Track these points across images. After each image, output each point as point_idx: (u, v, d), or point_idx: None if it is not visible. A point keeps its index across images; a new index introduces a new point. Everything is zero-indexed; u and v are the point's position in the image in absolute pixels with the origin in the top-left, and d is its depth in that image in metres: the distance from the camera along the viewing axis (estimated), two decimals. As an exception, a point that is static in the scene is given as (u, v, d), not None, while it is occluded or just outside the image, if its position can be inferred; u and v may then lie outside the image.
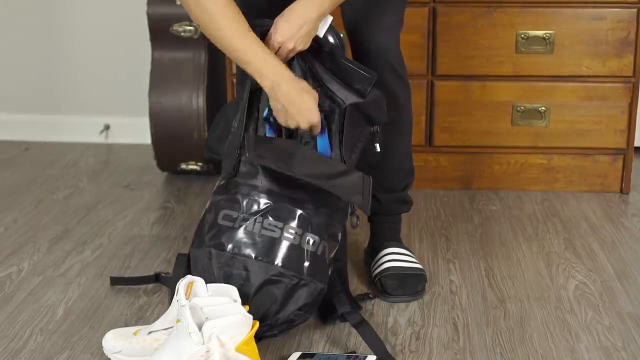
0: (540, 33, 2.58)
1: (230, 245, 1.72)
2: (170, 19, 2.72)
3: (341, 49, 1.83)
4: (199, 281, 1.64)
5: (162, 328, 1.69)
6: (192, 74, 2.75)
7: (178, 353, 1.50)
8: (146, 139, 3.07)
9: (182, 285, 1.60)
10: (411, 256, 2.05)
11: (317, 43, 1.78)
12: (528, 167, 2.69)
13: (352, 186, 1.73)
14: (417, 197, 2.53)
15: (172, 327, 1.64)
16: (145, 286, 2.03)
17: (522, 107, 2.63)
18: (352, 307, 1.81)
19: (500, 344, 1.78)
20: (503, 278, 2.09)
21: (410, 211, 2.15)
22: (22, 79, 3.27)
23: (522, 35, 2.58)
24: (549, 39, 2.58)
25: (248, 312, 1.57)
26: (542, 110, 2.63)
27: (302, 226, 1.73)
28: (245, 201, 1.75)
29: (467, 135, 2.67)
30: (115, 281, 2.04)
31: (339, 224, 1.81)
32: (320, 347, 1.77)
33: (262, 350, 1.68)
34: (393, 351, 1.74)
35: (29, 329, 1.84)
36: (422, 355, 1.74)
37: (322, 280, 1.75)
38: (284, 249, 1.71)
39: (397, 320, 1.88)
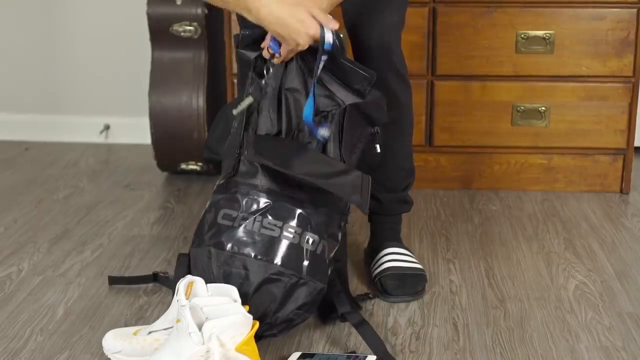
0: (540, 33, 2.58)
1: (230, 245, 1.72)
2: (170, 19, 2.72)
3: (340, 49, 1.83)
4: (199, 281, 1.64)
5: (162, 328, 1.69)
6: (192, 74, 2.75)
7: (178, 353, 1.50)
8: (146, 139, 3.07)
9: (182, 285, 1.60)
10: (411, 256, 2.05)
11: (316, 43, 1.78)
12: (528, 167, 2.69)
13: (351, 185, 1.72)
14: (417, 197, 2.53)
15: (172, 327, 1.64)
16: (145, 286, 2.03)
17: (522, 107, 2.63)
18: (352, 307, 1.81)
19: (500, 344, 1.78)
20: (503, 278, 2.09)
21: (410, 211, 2.16)
22: (22, 79, 3.27)
23: (522, 35, 2.58)
24: (549, 39, 2.58)
25: (248, 312, 1.57)
26: (542, 110, 2.62)
27: (301, 225, 1.73)
28: (244, 200, 1.75)
29: (467, 135, 2.67)
30: (114, 281, 2.04)
31: (338, 224, 1.81)
32: (320, 347, 1.77)
33: (262, 350, 1.68)
34: (393, 351, 1.74)
35: (29, 329, 1.84)
36: (422, 355, 1.74)
37: (322, 280, 1.75)
38: (284, 248, 1.71)
39: (397, 320, 1.88)
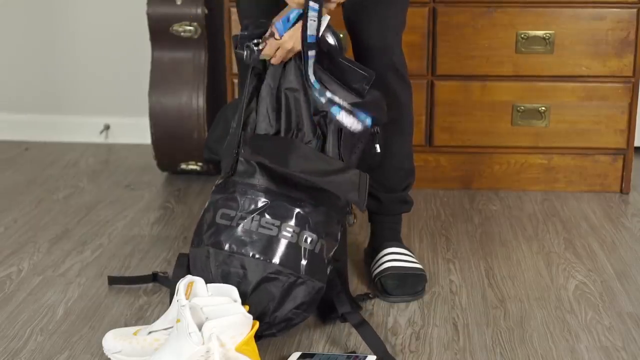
0: (540, 33, 2.58)
1: (228, 244, 1.72)
2: (170, 19, 2.72)
3: (339, 49, 1.83)
4: (199, 281, 1.64)
5: (162, 328, 1.69)
6: (192, 74, 2.75)
7: (178, 353, 1.50)
8: (146, 139, 3.07)
9: (182, 285, 1.60)
10: (411, 256, 2.05)
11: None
12: (528, 167, 2.69)
13: (349, 183, 1.72)
14: (417, 197, 2.53)
15: (172, 327, 1.64)
16: (145, 286, 2.03)
17: (522, 107, 2.63)
18: (352, 307, 1.81)
19: (500, 344, 1.78)
20: (503, 278, 2.09)
21: (410, 211, 2.15)
22: (22, 79, 3.26)
23: (522, 35, 2.58)
24: (549, 39, 2.58)
25: (248, 312, 1.57)
26: (542, 110, 2.62)
27: (299, 224, 1.73)
28: (243, 200, 1.75)
29: (467, 135, 2.67)
30: (113, 281, 2.04)
31: (337, 223, 1.81)
32: (320, 347, 1.77)
33: (262, 350, 1.68)
34: (393, 351, 1.74)
35: (29, 329, 1.84)
36: (422, 355, 1.74)
37: (320, 279, 1.75)
38: (282, 247, 1.71)
39: (397, 320, 1.88)
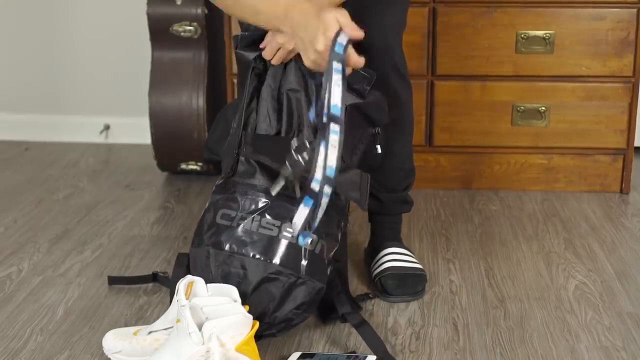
0: (540, 33, 2.58)
1: (229, 244, 1.72)
2: (170, 19, 2.72)
3: None
4: (199, 281, 1.64)
5: (162, 328, 1.69)
6: (192, 74, 2.75)
7: (178, 353, 1.50)
8: (146, 139, 3.07)
9: (182, 285, 1.60)
10: (411, 256, 2.05)
11: None
12: (528, 167, 2.69)
13: (350, 182, 1.72)
14: (417, 197, 2.53)
15: (172, 327, 1.64)
16: (145, 286, 2.03)
17: (522, 107, 2.63)
18: (353, 307, 1.81)
19: (500, 344, 1.78)
20: (503, 278, 2.09)
21: (410, 211, 2.15)
22: (22, 79, 3.27)
23: (522, 35, 2.58)
24: (549, 39, 2.58)
25: (248, 312, 1.57)
26: (542, 110, 2.62)
27: (300, 225, 1.73)
28: (243, 200, 1.75)
29: (467, 135, 2.67)
30: (113, 281, 2.04)
31: (337, 224, 1.81)
32: (320, 347, 1.77)
33: (262, 350, 1.68)
34: (393, 351, 1.74)
35: (29, 329, 1.84)
36: (422, 355, 1.74)
37: (321, 280, 1.75)
38: (282, 247, 1.71)
39: (397, 320, 1.88)
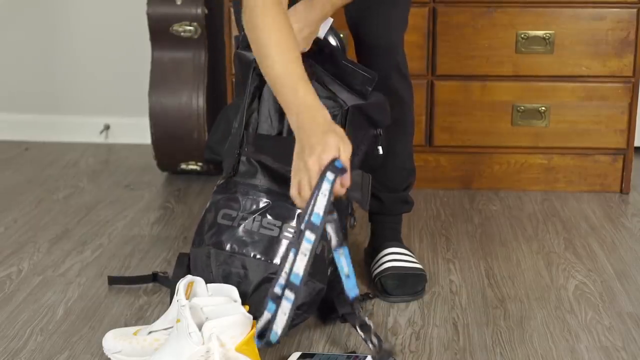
0: (540, 33, 2.58)
1: (229, 244, 1.72)
2: (170, 19, 2.72)
3: (342, 50, 1.83)
4: (199, 281, 1.64)
5: (162, 328, 1.69)
6: (192, 74, 2.75)
7: (178, 353, 1.50)
8: (146, 139, 3.07)
9: (182, 285, 1.60)
10: (411, 256, 2.05)
11: (317, 45, 1.78)
12: (528, 167, 2.69)
13: (351, 182, 1.72)
14: (417, 197, 2.53)
15: (172, 327, 1.64)
16: (145, 286, 2.03)
17: (522, 107, 2.63)
18: (353, 307, 1.81)
19: (500, 344, 1.78)
20: (503, 278, 2.09)
21: (411, 211, 2.16)
22: (22, 79, 3.26)
23: (522, 35, 2.58)
24: (549, 39, 2.58)
25: (248, 311, 1.57)
26: (542, 110, 2.62)
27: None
28: (244, 200, 1.75)
29: (467, 135, 2.67)
30: (113, 281, 2.04)
31: (340, 224, 1.80)
32: (320, 347, 1.77)
33: (262, 350, 1.68)
34: (393, 351, 1.74)
35: (29, 329, 1.84)
36: (422, 355, 1.74)
37: (321, 280, 1.75)
38: (283, 247, 1.71)
39: (397, 320, 1.88)
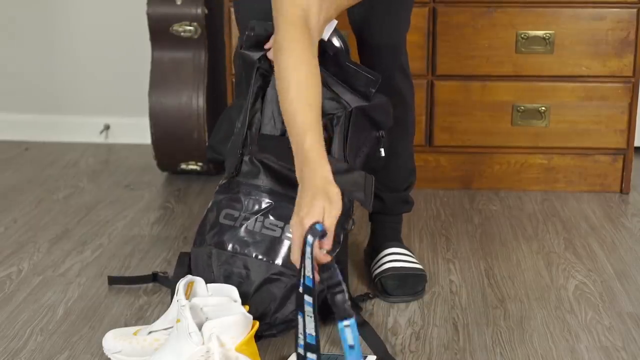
0: (540, 33, 2.58)
1: (231, 244, 1.72)
2: (170, 19, 2.72)
3: (345, 52, 1.83)
4: (199, 281, 1.64)
5: (162, 328, 1.69)
6: (192, 74, 2.75)
7: (178, 353, 1.50)
8: (146, 139, 3.07)
9: (182, 285, 1.60)
10: (411, 256, 2.05)
11: (321, 46, 1.78)
12: (528, 167, 2.69)
13: (354, 183, 1.73)
14: (417, 197, 2.53)
15: (172, 327, 1.64)
16: (145, 286, 2.03)
17: (522, 107, 2.63)
18: (353, 308, 1.81)
19: (500, 344, 1.78)
20: (503, 278, 2.09)
21: (411, 211, 2.16)
22: (22, 79, 3.26)
23: (522, 35, 2.58)
24: (549, 39, 2.58)
25: (248, 312, 1.57)
26: (542, 110, 2.62)
27: (302, 226, 1.72)
28: (246, 200, 1.75)
29: (467, 135, 2.67)
30: (113, 281, 2.04)
31: (340, 226, 1.80)
32: (320, 347, 1.76)
33: (262, 350, 1.68)
34: (393, 351, 1.74)
35: (29, 329, 1.84)
36: (422, 355, 1.74)
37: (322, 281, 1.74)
38: (285, 248, 1.71)
39: (397, 320, 1.88)
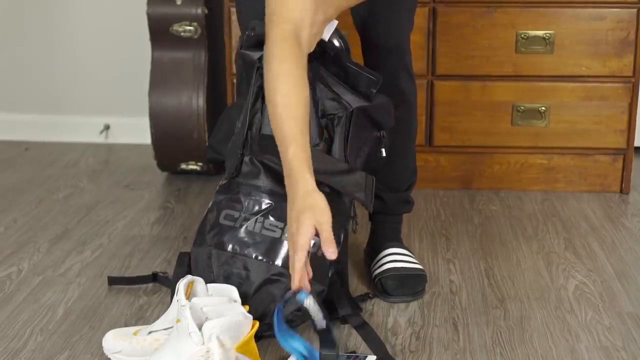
0: (540, 33, 2.58)
1: (231, 245, 1.72)
2: (170, 19, 2.72)
3: (346, 52, 1.83)
4: (199, 281, 1.64)
5: (162, 328, 1.69)
6: (192, 74, 2.75)
7: (178, 353, 1.50)
8: (146, 139, 3.07)
9: (182, 285, 1.60)
10: (411, 256, 2.05)
11: (321, 47, 1.78)
12: (528, 167, 2.69)
13: (355, 183, 1.73)
14: (417, 197, 2.52)
15: (172, 327, 1.64)
16: (145, 286, 2.03)
17: (522, 107, 2.63)
18: (353, 309, 1.81)
19: (500, 344, 1.78)
20: (503, 278, 2.09)
21: (411, 212, 2.15)
22: (22, 79, 3.26)
23: (522, 35, 2.58)
24: (549, 39, 2.58)
25: (248, 312, 1.57)
26: (542, 110, 2.62)
27: (302, 227, 1.72)
28: (247, 201, 1.75)
29: (467, 135, 2.67)
30: (113, 281, 2.04)
31: (340, 226, 1.80)
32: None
33: (262, 350, 1.68)
34: (393, 351, 1.74)
35: (29, 329, 1.84)
36: (422, 355, 1.74)
37: (322, 282, 1.75)
38: (285, 249, 1.71)
39: (397, 320, 1.88)
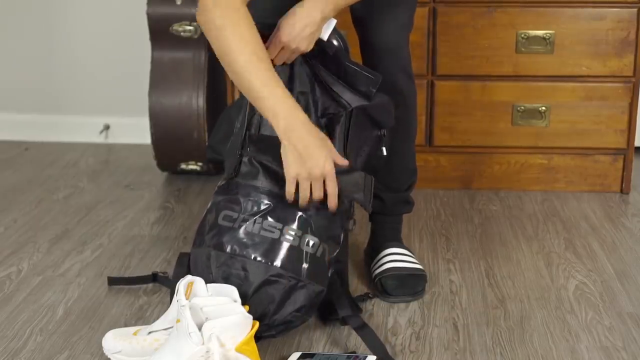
0: (540, 33, 2.58)
1: (230, 246, 1.72)
2: (170, 19, 2.72)
3: (345, 51, 1.83)
4: (199, 281, 1.64)
5: (162, 328, 1.69)
6: (192, 74, 2.75)
7: (178, 353, 1.50)
8: (146, 139, 3.07)
9: (182, 285, 1.60)
10: (411, 256, 2.05)
11: (320, 46, 1.78)
12: (528, 167, 2.69)
13: (354, 183, 1.73)
14: (417, 197, 2.52)
15: (172, 327, 1.64)
16: (145, 286, 2.03)
17: (522, 107, 2.63)
18: (353, 310, 1.81)
19: (500, 344, 1.78)
20: (503, 278, 2.09)
21: (411, 212, 2.15)
22: (22, 79, 3.26)
23: (522, 35, 2.58)
24: (549, 39, 2.58)
25: (248, 312, 1.57)
26: (542, 110, 2.63)
27: (301, 228, 1.72)
28: (245, 202, 1.75)
29: (467, 135, 2.67)
30: (113, 281, 2.04)
31: (340, 226, 1.80)
32: (320, 347, 1.77)
33: (262, 350, 1.68)
34: (393, 351, 1.74)
35: (29, 329, 1.84)
36: (422, 355, 1.74)
37: (321, 283, 1.74)
38: (284, 250, 1.71)
39: (397, 321, 1.88)
